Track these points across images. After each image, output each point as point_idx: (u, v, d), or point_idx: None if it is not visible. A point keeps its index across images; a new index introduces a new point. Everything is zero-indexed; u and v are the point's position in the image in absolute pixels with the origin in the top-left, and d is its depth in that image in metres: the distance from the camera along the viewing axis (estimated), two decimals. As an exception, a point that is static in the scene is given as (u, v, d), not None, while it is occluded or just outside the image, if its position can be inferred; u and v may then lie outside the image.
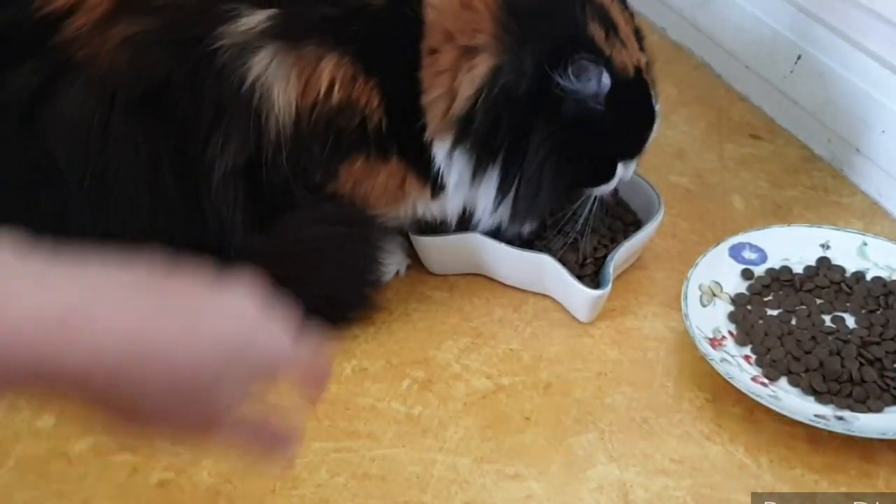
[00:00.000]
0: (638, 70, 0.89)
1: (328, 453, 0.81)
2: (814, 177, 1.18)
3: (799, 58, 1.23)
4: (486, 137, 0.86)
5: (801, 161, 1.20)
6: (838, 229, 1.00)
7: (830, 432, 0.80)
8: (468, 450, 0.82)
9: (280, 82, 0.84)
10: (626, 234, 0.98)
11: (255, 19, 0.84)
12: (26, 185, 0.87)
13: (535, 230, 0.97)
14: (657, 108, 0.92)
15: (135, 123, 0.84)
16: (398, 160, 0.89)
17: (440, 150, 0.88)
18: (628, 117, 0.90)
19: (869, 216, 1.10)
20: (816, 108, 1.21)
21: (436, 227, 0.97)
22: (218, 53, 0.84)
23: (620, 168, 0.92)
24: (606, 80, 0.84)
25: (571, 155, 0.88)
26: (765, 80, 1.29)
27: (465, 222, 0.95)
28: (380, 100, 0.86)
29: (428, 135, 0.87)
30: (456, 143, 0.87)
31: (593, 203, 0.93)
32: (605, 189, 0.93)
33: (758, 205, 1.12)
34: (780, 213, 1.10)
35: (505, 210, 0.91)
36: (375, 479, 0.79)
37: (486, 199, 0.91)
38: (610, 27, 0.87)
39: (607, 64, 0.85)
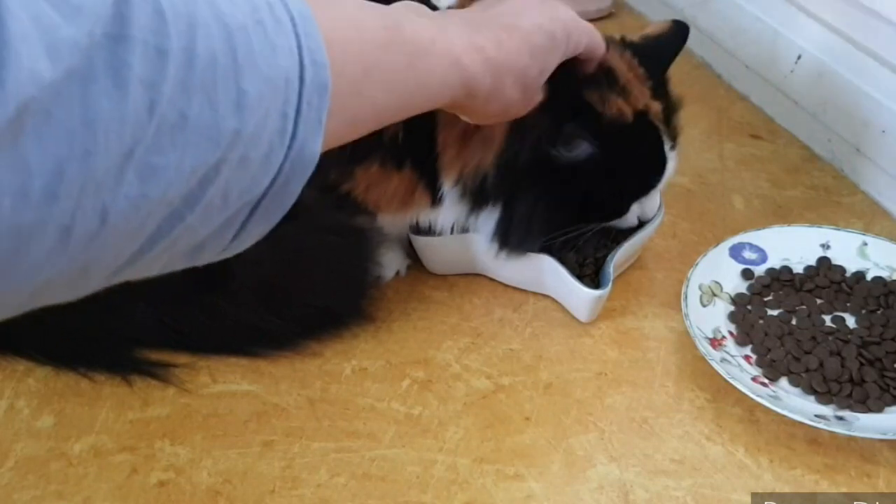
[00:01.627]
0: (640, 113, 0.88)
1: (328, 453, 0.81)
2: (814, 177, 1.18)
3: (799, 57, 1.23)
4: (486, 193, 0.89)
5: (802, 161, 1.20)
6: (838, 229, 1.00)
7: (831, 432, 0.80)
8: (468, 450, 0.82)
9: None
10: (627, 234, 0.98)
11: None
12: None
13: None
14: (670, 151, 0.92)
15: None
16: (411, 171, 0.90)
17: (446, 183, 0.90)
18: (630, 160, 0.90)
19: (869, 216, 1.10)
20: (817, 108, 1.21)
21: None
22: None
23: (635, 207, 0.93)
24: (589, 145, 0.85)
25: (565, 198, 0.89)
26: (765, 79, 1.29)
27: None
28: None
29: (439, 165, 0.90)
30: (460, 194, 0.90)
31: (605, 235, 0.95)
32: (618, 224, 0.94)
33: (758, 205, 1.12)
34: (781, 213, 1.10)
35: (497, 244, 0.92)
36: (375, 480, 0.79)
37: (484, 228, 0.93)
38: (604, 77, 0.87)
39: (597, 121, 0.85)
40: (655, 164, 0.92)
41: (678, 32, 0.96)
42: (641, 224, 1.00)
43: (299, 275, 0.93)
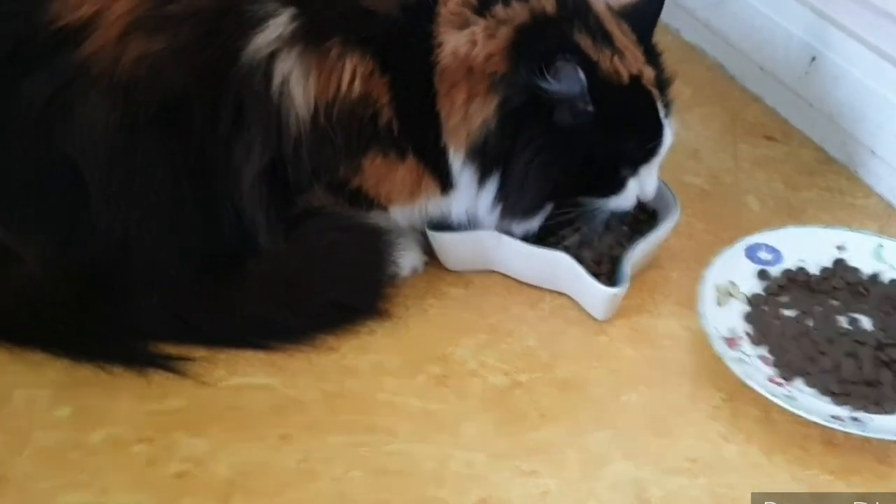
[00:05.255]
0: (635, 77, 0.90)
1: (344, 447, 0.82)
2: (829, 178, 1.18)
3: (813, 59, 1.23)
4: (492, 152, 0.90)
5: (816, 162, 1.21)
6: (854, 231, 1.00)
7: (846, 433, 0.80)
8: (484, 446, 0.82)
9: (301, 80, 0.86)
10: (643, 233, 0.98)
11: (281, 21, 0.86)
12: (40, 187, 0.87)
13: (538, 229, 0.97)
14: (665, 119, 0.92)
15: (156, 133, 0.85)
16: (414, 159, 0.91)
17: (455, 158, 0.91)
18: (626, 122, 0.90)
19: (884, 218, 1.11)
20: (831, 110, 1.21)
21: (452, 224, 0.97)
22: (242, 61, 0.85)
23: (633, 183, 0.93)
24: (582, 76, 0.85)
25: (561, 159, 0.89)
26: (779, 81, 1.29)
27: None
28: (390, 98, 0.88)
29: (443, 142, 0.90)
30: (467, 157, 0.91)
31: (607, 216, 0.95)
32: (618, 203, 0.94)
33: (773, 206, 1.12)
34: (795, 215, 1.10)
35: (498, 209, 0.93)
36: (392, 474, 0.80)
37: (485, 200, 0.93)
38: (601, 36, 0.89)
39: (591, 66, 0.87)
40: (651, 129, 0.92)
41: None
42: (656, 221, 1.00)
43: (317, 271, 0.93)
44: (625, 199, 0.94)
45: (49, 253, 0.89)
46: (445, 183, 0.93)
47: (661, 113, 0.92)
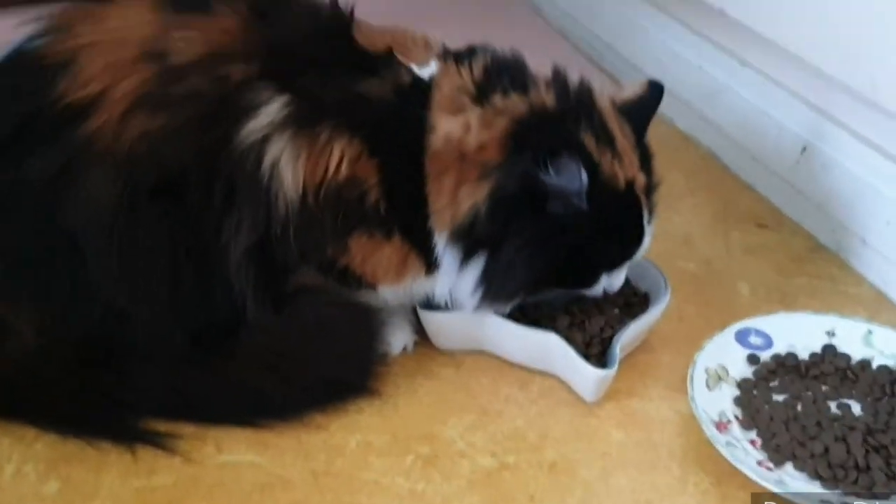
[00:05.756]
0: (629, 184, 0.92)
1: (331, 527, 0.81)
2: (820, 266, 1.19)
3: (804, 149, 1.25)
4: (479, 237, 0.91)
5: (807, 250, 1.22)
6: (844, 317, 1.01)
7: (836, 519, 0.80)
8: (471, 528, 0.82)
9: (290, 162, 0.88)
10: (634, 316, 0.98)
11: (274, 109, 0.88)
12: (39, 259, 0.88)
13: (529, 308, 0.98)
14: (648, 226, 0.94)
15: (155, 208, 0.87)
16: (400, 239, 0.93)
17: (439, 239, 0.92)
18: (614, 227, 0.92)
19: (875, 306, 1.11)
20: (822, 199, 1.22)
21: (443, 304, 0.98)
22: (235, 143, 0.87)
23: (605, 278, 0.95)
24: (584, 176, 0.87)
25: (549, 251, 0.91)
26: (771, 170, 1.31)
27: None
28: (378, 179, 0.90)
29: (429, 223, 0.92)
30: (450, 239, 0.92)
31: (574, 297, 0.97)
32: (586, 292, 0.96)
33: (764, 293, 1.13)
34: (787, 301, 1.11)
35: (480, 292, 0.93)
36: (377, 555, 0.79)
37: (467, 282, 0.93)
38: (604, 137, 0.91)
39: (593, 166, 0.89)
40: (634, 234, 0.94)
41: (654, 94, 0.99)
42: (647, 304, 1.01)
43: (308, 346, 0.94)
44: (594, 291, 0.96)
45: (44, 325, 0.89)
46: (430, 263, 0.94)
47: (645, 219, 0.94)
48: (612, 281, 0.96)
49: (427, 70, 0.94)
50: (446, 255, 0.92)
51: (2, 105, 0.89)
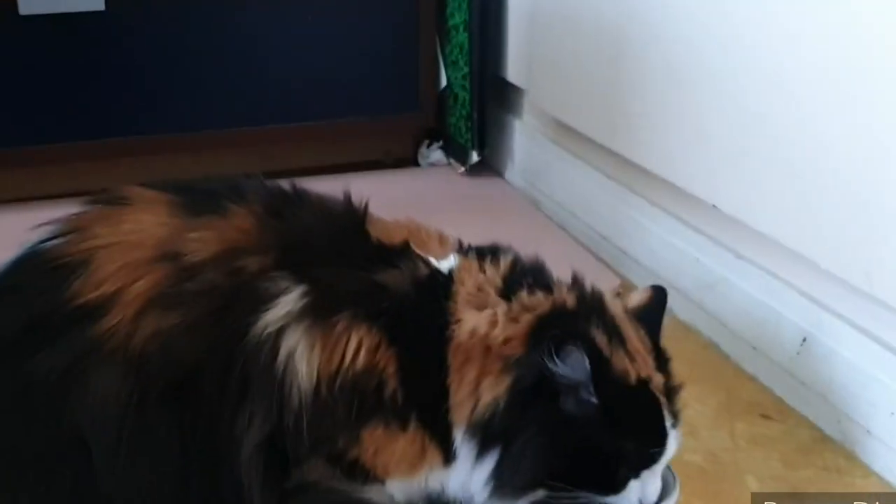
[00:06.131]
0: (643, 380, 0.91)
1: None
2: (826, 458, 1.17)
3: (804, 340, 1.26)
4: (496, 430, 0.90)
5: (813, 441, 1.21)
6: (855, 513, 0.99)
7: None
8: None
9: (305, 353, 0.88)
10: (642, 512, 0.96)
11: (292, 298, 0.89)
12: (43, 458, 0.88)
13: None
14: (670, 427, 0.93)
15: (165, 406, 0.87)
16: (417, 429, 0.91)
17: (457, 431, 0.91)
18: (630, 425, 0.91)
19: (885, 499, 1.09)
20: (824, 389, 1.22)
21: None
22: (251, 336, 0.88)
23: (634, 485, 0.92)
24: (588, 365, 0.87)
25: (558, 445, 0.90)
26: (772, 360, 1.32)
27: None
28: (396, 369, 0.90)
29: (450, 417, 0.91)
30: (468, 431, 0.91)
31: None
32: (616, 500, 0.92)
33: (772, 485, 1.12)
34: (796, 496, 1.09)
35: (492, 485, 0.92)
36: None
37: (481, 475, 0.92)
38: (616, 337, 0.92)
39: (602, 360, 0.89)
40: (655, 434, 0.92)
41: (659, 298, 1.01)
42: (657, 501, 0.99)
43: None
44: (625, 500, 0.92)
45: None
46: (448, 455, 0.92)
47: (668, 421, 0.92)
48: (646, 490, 0.93)
49: (446, 263, 0.96)
50: (463, 447, 0.91)
51: (13, 303, 0.90)
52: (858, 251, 1.14)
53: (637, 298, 1.01)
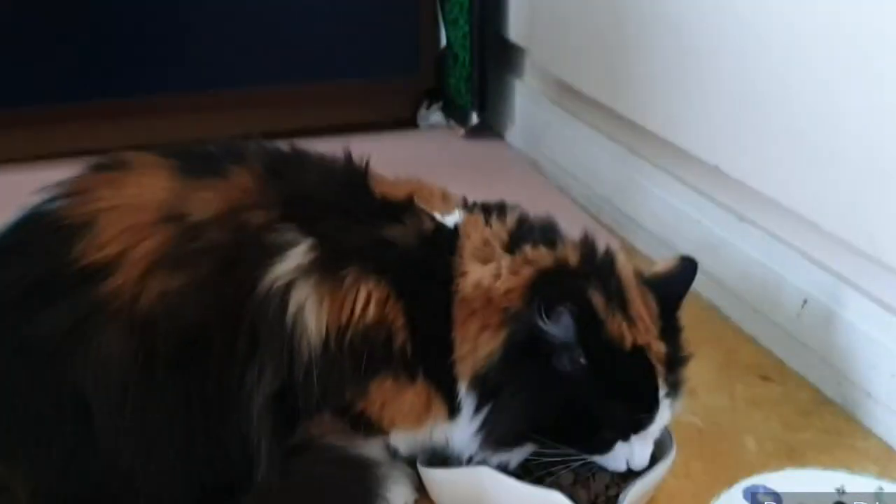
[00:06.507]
0: (639, 347, 0.91)
1: None
2: (826, 420, 1.17)
3: (805, 302, 1.26)
4: (491, 384, 0.91)
5: (813, 403, 1.21)
6: (853, 473, 0.99)
7: None
8: None
9: (314, 307, 0.88)
10: (639, 473, 0.97)
11: (300, 251, 0.89)
12: (42, 417, 0.87)
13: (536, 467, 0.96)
14: (665, 398, 0.92)
15: (172, 369, 0.87)
16: (424, 382, 0.92)
17: (461, 384, 0.92)
18: (619, 389, 0.91)
19: (884, 461, 1.09)
20: (825, 351, 1.22)
21: (444, 460, 0.96)
22: (259, 290, 0.88)
23: (621, 448, 0.93)
24: (573, 326, 0.87)
25: (544, 401, 0.90)
26: (773, 322, 1.31)
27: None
28: (404, 322, 0.90)
29: (455, 370, 0.91)
30: (470, 386, 0.91)
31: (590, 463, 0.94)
32: (605, 462, 0.94)
33: (771, 447, 1.11)
34: (794, 456, 1.09)
35: (479, 436, 0.92)
36: None
37: (473, 427, 0.93)
38: (617, 300, 0.91)
39: (596, 323, 0.88)
40: (645, 401, 0.92)
41: (687, 270, 0.99)
42: (653, 461, 0.99)
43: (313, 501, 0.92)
44: (612, 461, 0.93)
45: (40, 485, 0.88)
46: (453, 408, 0.93)
47: (662, 390, 0.92)
48: (633, 456, 0.93)
49: (451, 218, 0.96)
50: (466, 401, 0.92)
51: (16, 263, 0.90)
52: (862, 213, 1.13)
53: (662, 266, 1.01)
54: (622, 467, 0.94)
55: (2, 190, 1.12)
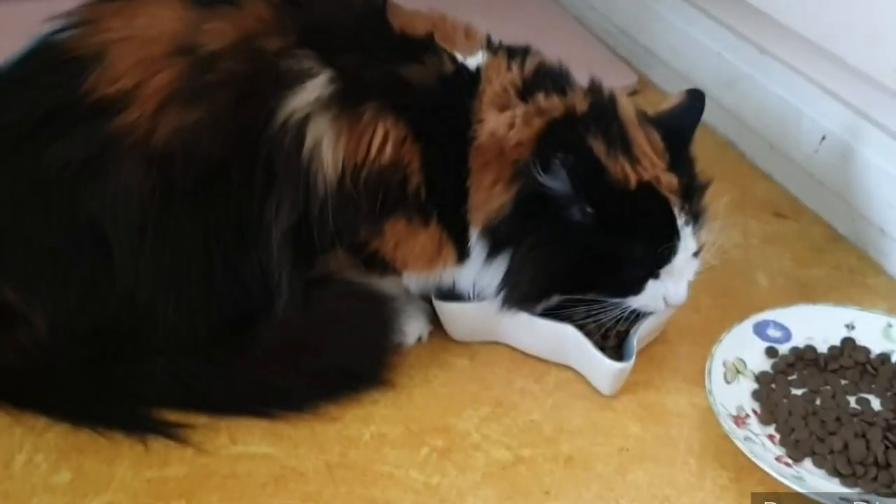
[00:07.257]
0: (645, 183, 0.89)
1: (344, 520, 0.81)
2: (838, 257, 1.17)
3: (823, 138, 1.24)
4: (503, 236, 0.90)
5: (826, 240, 1.20)
6: (863, 310, 1.00)
7: (855, 516, 0.79)
8: (486, 522, 0.81)
9: (332, 143, 0.87)
10: (650, 308, 0.97)
11: (320, 83, 0.87)
12: (59, 249, 0.88)
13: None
14: (686, 227, 0.92)
15: (190, 203, 0.86)
16: (438, 226, 0.92)
17: (473, 231, 0.92)
18: (630, 227, 0.90)
19: (894, 298, 1.10)
20: (841, 188, 1.21)
21: (459, 294, 0.97)
22: (276, 120, 0.86)
23: (654, 286, 0.92)
24: (566, 177, 0.86)
25: (561, 251, 0.90)
26: (789, 159, 1.30)
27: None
28: (420, 164, 0.89)
29: (468, 217, 0.91)
30: (481, 234, 0.91)
31: (631, 312, 0.93)
32: (642, 304, 0.93)
33: (782, 283, 1.12)
34: (805, 293, 1.10)
35: (502, 294, 0.93)
36: (391, 548, 0.78)
37: (491, 281, 0.93)
38: (619, 143, 0.90)
39: (599, 169, 0.87)
40: (662, 233, 0.91)
41: (694, 102, 0.97)
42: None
43: (323, 337, 0.93)
44: (649, 301, 0.93)
45: (59, 316, 0.89)
46: (462, 253, 0.93)
47: (680, 219, 0.91)
48: (668, 291, 0.92)
49: (473, 60, 0.93)
50: (476, 247, 0.92)
51: (26, 94, 0.88)
52: (885, 46, 1.09)
53: (669, 102, 0.98)
54: (661, 306, 0.94)
55: (10, 20, 1.09)
